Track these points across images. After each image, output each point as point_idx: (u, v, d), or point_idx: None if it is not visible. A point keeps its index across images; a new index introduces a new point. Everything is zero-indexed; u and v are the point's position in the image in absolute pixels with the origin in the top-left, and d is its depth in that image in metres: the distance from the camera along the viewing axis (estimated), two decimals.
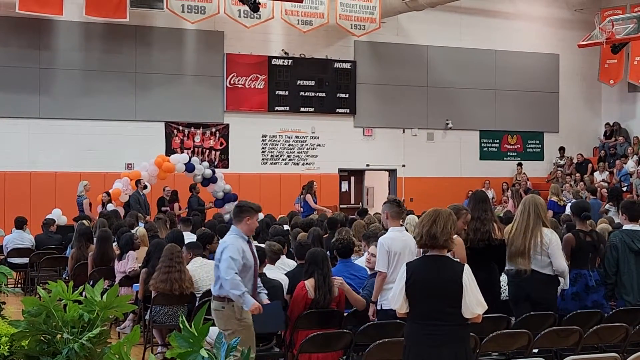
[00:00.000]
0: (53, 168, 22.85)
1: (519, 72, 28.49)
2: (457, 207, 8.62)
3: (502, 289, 9.31)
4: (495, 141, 28.88)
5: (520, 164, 28.61)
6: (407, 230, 9.32)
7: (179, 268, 10.14)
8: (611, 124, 29.01)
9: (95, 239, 13.33)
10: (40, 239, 16.99)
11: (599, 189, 23.21)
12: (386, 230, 8.91)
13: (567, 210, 18.90)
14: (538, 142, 29.58)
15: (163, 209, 20.93)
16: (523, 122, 28.94)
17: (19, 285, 16.32)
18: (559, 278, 8.88)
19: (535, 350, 7.93)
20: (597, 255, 9.75)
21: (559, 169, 28.53)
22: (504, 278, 9.26)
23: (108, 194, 20.27)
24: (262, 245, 9.83)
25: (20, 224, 16.97)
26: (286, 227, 14.57)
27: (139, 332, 4.66)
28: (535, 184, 27.30)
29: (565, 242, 9.56)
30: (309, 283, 8.62)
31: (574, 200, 19.81)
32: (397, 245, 8.43)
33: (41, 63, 22.95)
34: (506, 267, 8.99)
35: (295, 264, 10.03)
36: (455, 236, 8.40)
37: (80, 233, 13.74)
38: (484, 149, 28.73)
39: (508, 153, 29.09)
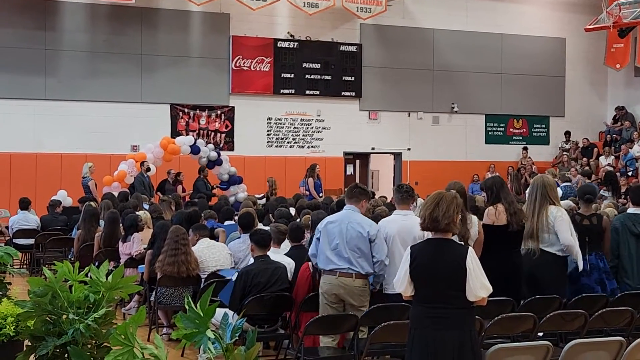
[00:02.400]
0: (58, 149, 22.88)
1: (525, 56, 28.41)
2: (458, 186, 8.57)
3: None
4: (501, 125, 28.83)
5: (525, 148, 28.57)
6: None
7: (184, 250, 10.18)
8: (621, 108, 28.91)
9: (104, 221, 13.35)
10: (46, 220, 17.01)
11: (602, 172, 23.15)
12: None
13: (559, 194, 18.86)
14: (544, 126, 29.53)
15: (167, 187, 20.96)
16: (529, 106, 28.88)
17: (25, 266, 16.36)
18: (572, 258, 8.90)
19: (541, 334, 7.93)
20: (598, 239, 9.71)
21: (565, 153, 28.49)
22: None
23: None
24: (267, 228, 9.83)
25: (25, 204, 17.00)
26: (292, 210, 14.53)
27: (144, 313, 4.67)
28: (541, 168, 27.24)
29: None
30: (311, 266, 8.69)
31: (564, 184, 19.79)
32: (392, 227, 8.46)
33: (47, 44, 22.94)
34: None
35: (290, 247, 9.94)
36: (474, 218, 8.42)
37: (88, 214, 13.75)
38: (490, 133, 28.69)
39: (513, 137, 29.05)
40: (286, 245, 10.20)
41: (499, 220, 8.70)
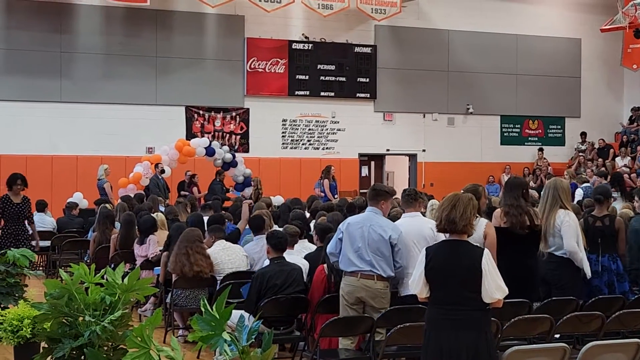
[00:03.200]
0: (74, 152, 22.95)
1: (540, 56, 28.32)
2: (474, 188, 8.56)
3: None
4: (516, 126, 28.76)
5: (541, 149, 28.49)
6: (425, 215, 9.36)
7: (194, 252, 10.13)
8: (637, 109, 28.78)
9: (120, 223, 13.37)
10: (62, 222, 17.06)
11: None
12: None
13: (577, 196, 18.81)
14: (559, 127, 29.44)
15: (182, 192, 20.99)
16: (544, 107, 28.80)
17: (41, 268, 16.40)
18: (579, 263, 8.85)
19: (557, 336, 7.90)
20: (611, 240, 9.63)
21: (580, 154, 28.38)
22: None
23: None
24: (280, 230, 9.83)
25: (42, 207, 17.06)
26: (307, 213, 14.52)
27: (160, 315, 4.68)
28: (557, 169, 27.15)
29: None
30: (326, 266, 8.68)
31: (583, 185, 19.73)
32: (401, 230, 8.46)
33: (62, 47, 23.03)
34: None
35: (315, 248, 10.02)
36: (486, 222, 8.37)
37: (103, 216, 13.78)
38: (505, 134, 28.62)
39: (529, 138, 28.98)
40: (302, 246, 10.23)
41: (502, 222, 8.66)
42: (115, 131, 23.28)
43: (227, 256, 10.45)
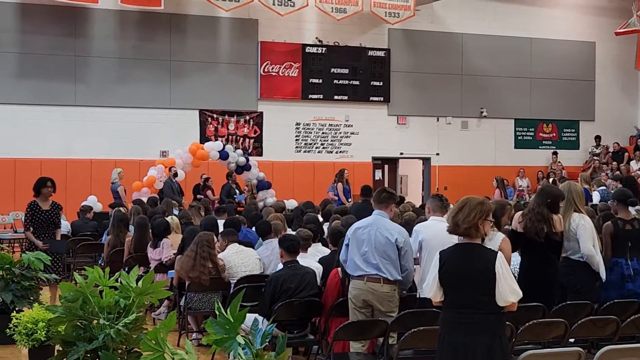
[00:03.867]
0: (88, 155, 23.03)
1: (554, 60, 28.26)
2: (502, 203, 8.59)
3: None
4: (530, 130, 28.69)
5: (555, 153, 28.41)
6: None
7: (205, 255, 10.12)
8: None
9: (134, 226, 13.40)
10: (76, 225, 17.10)
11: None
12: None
13: (595, 199, 18.75)
14: (573, 130, 29.36)
15: (198, 196, 21.02)
16: (558, 110, 28.72)
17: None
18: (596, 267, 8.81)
19: (572, 340, 7.87)
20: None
21: (595, 157, 28.29)
22: None
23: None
24: (293, 233, 9.83)
25: None
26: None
27: (174, 318, 4.68)
28: (571, 172, 27.07)
29: (605, 231, 9.49)
30: (340, 271, 8.68)
31: (599, 189, 19.65)
32: (429, 232, 8.44)
33: (77, 51, 23.11)
34: None
35: (329, 251, 10.03)
36: (503, 237, 8.32)
37: (117, 219, 13.82)
38: (519, 138, 28.55)
39: (543, 142, 28.90)
40: (316, 249, 10.23)
41: (519, 225, 8.64)
42: (129, 135, 23.35)
43: (241, 259, 10.45)
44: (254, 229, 12.85)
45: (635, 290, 9.26)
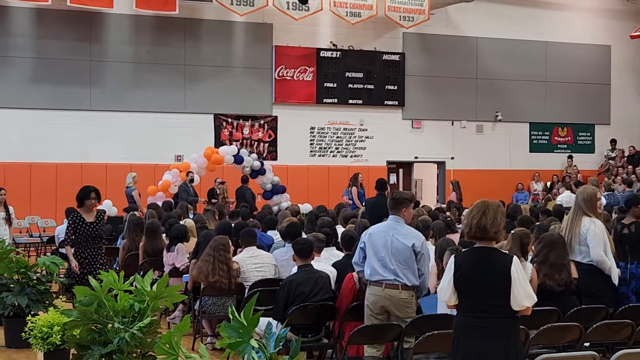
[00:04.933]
0: (103, 160, 23.09)
1: (569, 63, 28.18)
2: (526, 232, 8.58)
3: None
4: (546, 133, 28.62)
5: (570, 157, 28.33)
6: None
7: (220, 259, 10.13)
8: None
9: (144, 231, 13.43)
10: None
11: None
12: None
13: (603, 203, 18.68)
14: (589, 134, 29.26)
15: (213, 200, 21.05)
16: (573, 114, 28.64)
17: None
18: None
19: (587, 344, 7.85)
20: (639, 248, 9.57)
21: (610, 161, 28.21)
22: None
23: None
24: (305, 237, 9.84)
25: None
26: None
27: (189, 322, 4.69)
28: (586, 176, 26.96)
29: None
30: (356, 275, 8.66)
31: (606, 193, 19.58)
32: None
33: (92, 56, 23.19)
34: None
35: (343, 255, 10.02)
36: (532, 267, 8.29)
37: (133, 224, 13.85)
38: (534, 141, 28.48)
39: (558, 145, 28.82)
40: (330, 253, 10.22)
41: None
42: (144, 139, 23.41)
43: (255, 263, 10.45)
44: (268, 232, 12.89)
45: (626, 293, 9.27)
